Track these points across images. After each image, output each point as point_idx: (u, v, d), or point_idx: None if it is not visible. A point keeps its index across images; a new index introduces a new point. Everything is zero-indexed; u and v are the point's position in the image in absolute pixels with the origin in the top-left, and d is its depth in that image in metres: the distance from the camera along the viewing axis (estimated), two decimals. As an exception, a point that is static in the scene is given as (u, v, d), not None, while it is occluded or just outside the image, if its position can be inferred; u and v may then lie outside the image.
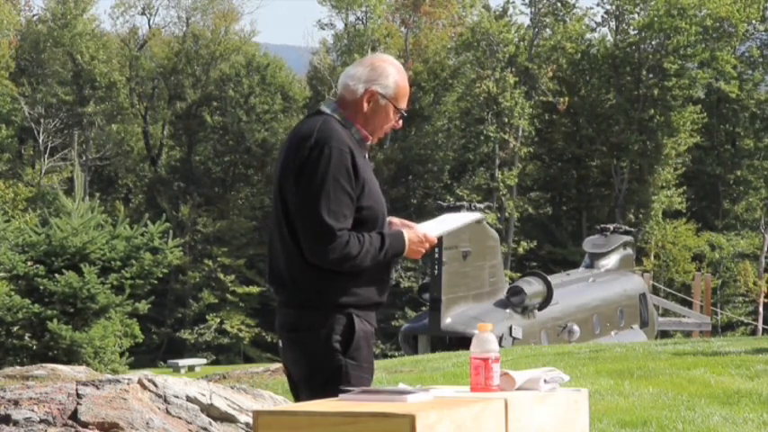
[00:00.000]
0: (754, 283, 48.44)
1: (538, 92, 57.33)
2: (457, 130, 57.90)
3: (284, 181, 4.82)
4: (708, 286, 45.59)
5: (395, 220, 5.00)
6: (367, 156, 4.94)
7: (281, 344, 4.95)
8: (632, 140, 55.97)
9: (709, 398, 10.43)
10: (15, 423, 7.65)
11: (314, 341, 4.75)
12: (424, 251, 4.89)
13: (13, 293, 18.93)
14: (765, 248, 51.09)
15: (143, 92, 60.73)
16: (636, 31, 57.74)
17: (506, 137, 55.52)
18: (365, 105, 4.90)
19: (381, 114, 4.92)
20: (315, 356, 4.77)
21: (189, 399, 8.17)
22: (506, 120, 55.67)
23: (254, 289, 55.15)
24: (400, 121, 5.01)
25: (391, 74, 4.93)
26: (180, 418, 8.02)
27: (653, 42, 57.19)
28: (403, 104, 4.97)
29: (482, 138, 56.01)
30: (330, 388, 4.56)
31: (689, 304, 44.12)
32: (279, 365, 16.63)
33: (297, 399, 4.92)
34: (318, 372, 4.76)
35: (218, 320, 54.18)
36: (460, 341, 24.95)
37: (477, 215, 5.88)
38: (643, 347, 16.82)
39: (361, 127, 4.90)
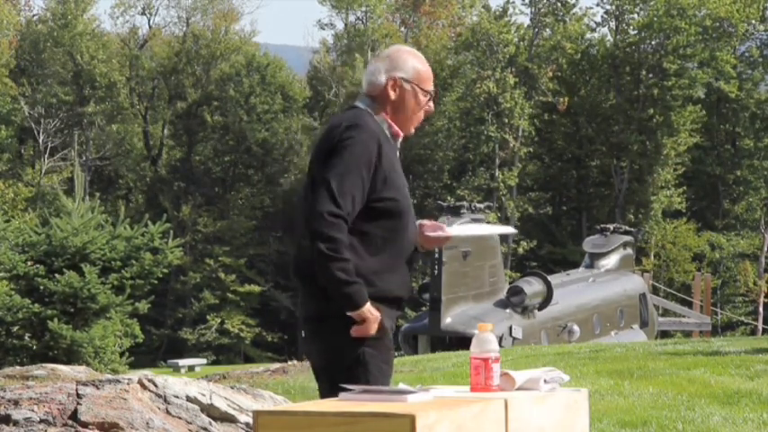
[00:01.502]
0: (754, 283, 48.45)
1: (538, 92, 57.34)
2: (457, 130, 57.89)
3: (313, 167, 4.89)
4: (708, 286, 45.59)
5: (426, 222, 5.05)
6: (398, 152, 4.98)
7: (303, 335, 4.98)
8: (632, 140, 55.97)
9: (709, 398, 10.43)
10: (15, 423, 7.65)
11: (335, 331, 4.79)
12: (365, 331, 4.75)
13: (13, 293, 18.92)
14: (765, 248, 51.08)
15: (143, 92, 60.74)
16: (635, 31, 57.75)
17: (506, 137, 55.52)
18: (391, 94, 4.95)
19: (409, 99, 4.97)
20: (336, 345, 4.81)
21: (189, 399, 8.18)
22: (506, 120, 55.68)
23: (255, 289, 55.15)
24: (431, 104, 5.04)
25: (409, 59, 5.01)
26: (180, 418, 8.02)
27: (653, 42, 57.20)
28: (428, 86, 5.01)
29: (482, 138, 56.00)
30: (351, 376, 4.64)
31: (689, 304, 44.12)
32: (279, 365, 16.63)
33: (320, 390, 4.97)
34: (339, 361, 4.81)
35: (219, 320, 54.17)
36: (460, 341, 24.96)
37: (510, 229, 5.87)
38: (643, 347, 16.82)
39: (392, 122, 4.96)
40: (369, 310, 4.75)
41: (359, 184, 4.76)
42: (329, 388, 4.74)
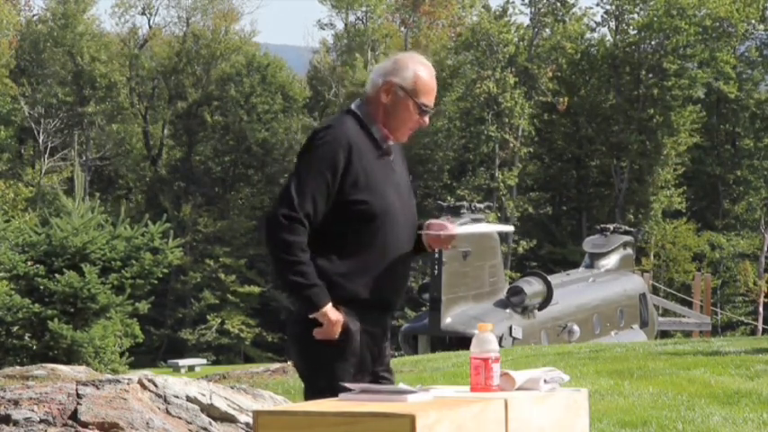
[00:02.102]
0: (754, 283, 48.45)
1: (538, 92, 57.34)
2: (457, 130, 57.89)
3: None
4: (708, 286, 45.59)
5: (433, 222, 5.01)
6: (391, 156, 4.94)
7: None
8: (632, 140, 55.98)
9: (709, 398, 10.42)
10: (15, 423, 7.65)
11: (301, 333, 4.82)
12: (326, 333, 4.75)
13: (13, 293, 18.92)
14: (765, 248, 51.09)
15: (143, 92, 60.74)
16: (635, 31, 57.76)
17: (506, 137, 55.52)
18: (383, 97, 4.91)
19: (401, 109, 4.92)
20: (301, 348, 4.85)
21: (189, 399, 8.18)
22: (506, 120, 55.68)
23: (255, 289, 55.16)
24: (426, 119, 4.97)
25: (411, 67, 4.94)
26: (180, 418, 8.02)
27: (652, 42, 57.20)
28: (424, 99, 4.92)
29: (482, 138, 56.01)
30: (316, 379, 4.74)
31: (689, 304, 44.11)
32: (279, 365, 16.64)
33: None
34: (305, 363, 4.85)
35: (219, 321, 54.18)
36: (460, 341, 24.95)
37: (510, 228, 5.84)
38: (643, 347, 16.82)
39: (382, 125, 4.92)
40: (327, 312, 4.74)
41: (321, 185, 4.75)
42: (305, 389, 4.84)
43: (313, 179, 4.76)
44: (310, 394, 4.76)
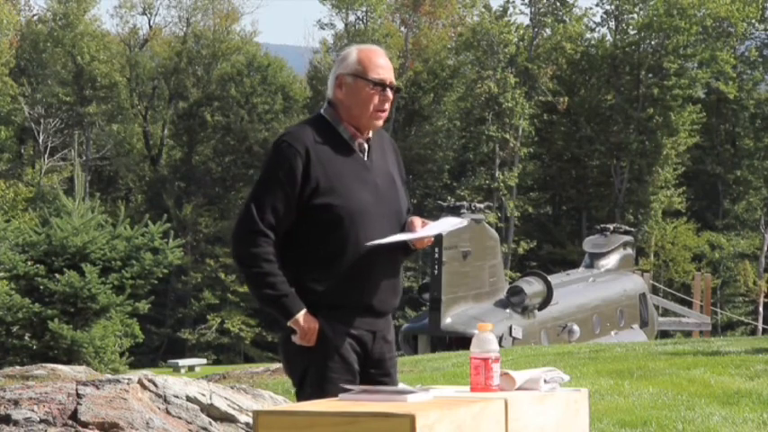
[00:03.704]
0: (754, 283, 48.47)
1: (538, 92, 57.32)
2: (457, 130, 57.89)
3: None
4: (708, 286, 45.58)
5: (416, 220, 4.93)
6: (365, 154, 4.87)
7: None
8: (632, 140, 55.98)
9: (709, 398, 10.43)
10: (15, 423, 7.65)
11: (284, 340, 4.86)
12: (302, 340, 4.77)
13: (13, 293, 18.93)
14: (765, 248, 51.10)
15: (143, 92, 60.75)
16: (635, 31, 57.76)
17: (507, 137, 55.51)
18: (338, 93, 4.87)
19: (355, 93, 4.84)
20: (285, 355, 4.89)
21: (189, 399, 8.18)
22: (507, 120, 55.67)
23: (255, 289, 55.09)
24: (388, 93, 4.88)
25: (353, 53, 4.90)
26: (180, 418, 8.02)
27: (652, 42, 57.20)
28: (374, 75, 4.84)
29: (483, 138, 56.01)
30: (301, 385, 4.77)
31: (689, 304, 44.11)
32: (279, 365, 16.65)
33: None
34: (289, 369, 4.88)
35: (219, 320, 54.19)
36: (460, 341, 24.98)
37: (464, 222, 5.71)
38: (643, 347, 16.83)
39: (348, 124, 4.86)
40: (299, 320, 4.75)
41: (279, 193, 4.74)
42: (295, 393, 4.87)
43: (270, 189, 4.75)
44: (299, 399, 4.79)
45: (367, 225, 4.79)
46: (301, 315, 4.75)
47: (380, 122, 4.89)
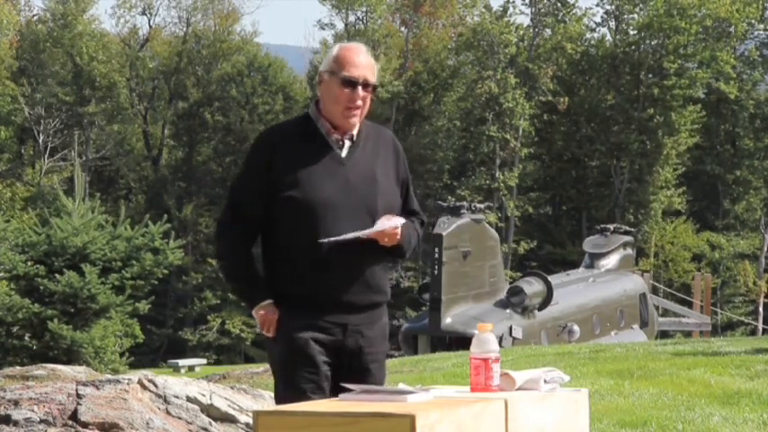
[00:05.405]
0: (754, 283, 48.45)
1: (538, 92, 57.32)
2: (457, 131, 57.88)
3: None
4: (708, 286, 45.59)
5: (384, 217, 4.83)
6: (344, 150, 4.85)
7: None
8: (632, 140, 55.99)
9: (709, 398, 10.43)
10: (15, 423, 7.65)
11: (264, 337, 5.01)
12: (263, 330, 4.87)
13: (13, 293, 18.93)
14: (765, 248, 51.08)
15: (143, 92, 60.75)
16: (635, 31, 57.76)
17: (507, 137, 55.52)
18: (319, 89, 4.95)
19: (329, 90, 4.87)
20: (266, 350, 5.03)
21: (189, 399, 8.18)
22: (507, 120, 55.67)
23: (255, 289, 55.09)
24: (359, 91, 4.83)
25: (333, 51, 4.92)
26: (180, 418, 8.02)
27: (652, 42, 57.21)
28: (346, 72, 4.82)
29: (483, 138, 56.01)
30: (278, 381, 4.89)
31: (689, 304, 44.11)
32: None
33: None
34: (270, 363, 5.00)
35: (220, 321, 54.20)
36: (460, 341, 24.97)
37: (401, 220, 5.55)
38: (643, 347, 16.83)
39: (325, 120, 4.89)
40: (257, 310, 4.85)
41: (246, 189, 4.88)
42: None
43: (241, 181, 4.93)
44: (274, 392, 4.94)
45: (330, 219, 4.77)
46: (262, 306, 4.83)
47: (354, 120, 4.86)
